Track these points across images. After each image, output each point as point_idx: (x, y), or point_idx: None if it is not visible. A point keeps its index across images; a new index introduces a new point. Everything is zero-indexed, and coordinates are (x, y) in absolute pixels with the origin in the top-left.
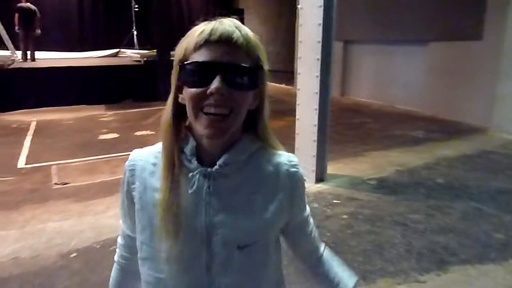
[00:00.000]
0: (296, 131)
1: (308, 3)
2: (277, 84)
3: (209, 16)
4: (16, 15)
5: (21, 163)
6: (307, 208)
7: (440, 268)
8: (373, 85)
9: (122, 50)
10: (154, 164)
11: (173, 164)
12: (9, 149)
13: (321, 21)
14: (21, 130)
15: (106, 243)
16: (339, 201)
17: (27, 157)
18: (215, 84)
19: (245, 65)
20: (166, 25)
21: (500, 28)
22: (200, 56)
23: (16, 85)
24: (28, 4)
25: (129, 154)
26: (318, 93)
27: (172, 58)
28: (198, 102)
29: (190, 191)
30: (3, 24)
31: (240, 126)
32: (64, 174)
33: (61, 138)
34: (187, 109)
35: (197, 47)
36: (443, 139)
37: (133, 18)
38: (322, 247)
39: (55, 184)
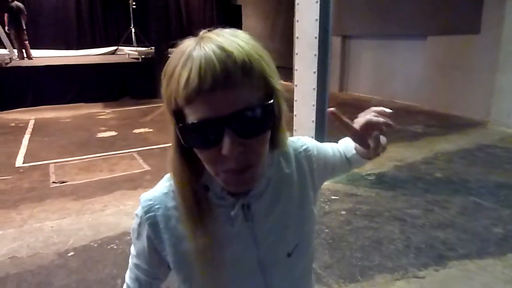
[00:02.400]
0: (294, 127)
1: None
2: None
3: (207, 12)
4: (6, 14)
5: (19, 162)
6: (323, 146)
7: (439, 263)
8: (372, 80)
9: (120, 47)
10: (176, 208)
11: (199, 206)
12: (7, 148)
13: (317, 17)
14: (19, 129)
15: (104, 241)
16: (337, 197)
17: (25, 155)
18: (226, 145)
19: (254, 104)
20: (163, 22)
21: (498, 21)
22: (196, 113)
23: (14, 84)
24: (16, 3)
25: (127, 151)
26: (316, 89)
27: (170, 55)
28: (216, 163)
29: (231, 229)
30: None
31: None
32: (62, 172)
33: (59, 136)
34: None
35: (189, 100)
36: (442, 133)
37: (131, 16)
38: (335, 145)
39: (53, 182)
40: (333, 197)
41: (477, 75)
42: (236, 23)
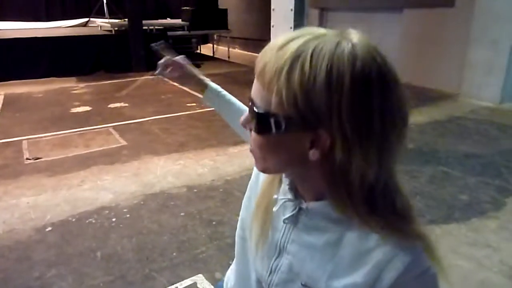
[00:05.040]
0: None
1: None
2: (253, 53)
3: None
4: None
5: None
6: None
7: None
8: None
9: (91, 19)
10: None
11: (274, 178)
12: None
13: None
14: None
15: (82, 216)
16: None
17: None
18: (242, 119)
19: (259, 106)
20: None
21: None
22: None
23: None
24: None
25: (103, 126)
26: None
27: (144, 28)
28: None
29: (274, 209)
30: None
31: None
32: (36, 148)
33: (32, 112)
34: None
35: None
36: (415, 105)
37: None
38: None
39: (27, 159)
40: None
41: (450, 49)
42: None
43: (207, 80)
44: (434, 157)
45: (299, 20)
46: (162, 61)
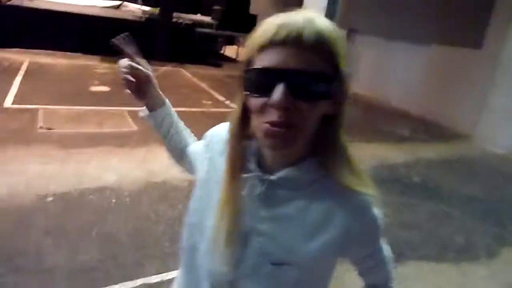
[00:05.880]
0: None
1: None
2: None
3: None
4: None
5: (8, 102)
6: (379, 245)
7: (397, 260)
8: (370, 77)
9: (125, 3)
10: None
11: (234, 166)
12: None
13: (325, 4)
14: (12, 69)
15: (85, 191)
16: None
17: (15, 96)
18: (276, 95)
19: (316, 70)
20: None
21: (501, 39)
22: (262, 61)
23: (12, 23)
24: None
25: (118, 109)
26: None
27: (174, 20)
28: (260, 112)
29: (242, 192)
30: None
31: (308, 141)
32: (51, 119)
33: (52, 83)
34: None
35: (262, 48)
36: (427, 140)
37: None
38: (390, 283)
39: (40, 128)
40: None
41: (471, 89)
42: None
43: (164, 96)
44: (437, 195)
45: None
46: (125, 66)
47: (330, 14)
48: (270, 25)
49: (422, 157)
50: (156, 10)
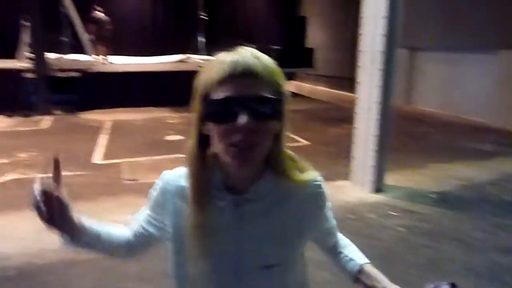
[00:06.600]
0: (354, 140)
1: (371, 13)
2: (337, 91)
3: (272, 23)
4: (94, 25)
5: (97, 159)
6: (330, 214)
7: None
8: (439, 94)
9: (189, 56)
10: (184, 189)
11: (201, 191)
12: (87, 146)
13: (384, 32)
14: (98, 129)
15: None
16: (396, 213)
17: (102, 153)
18: (243, 119)
19: (268, 95)
20: (230, 32)
21: None
22: (224, 92)
23: (94, 87)
24: (103, 15)
25: None
26: (379, 103)
27: None
28: (226, 136)
29: (221, 219)
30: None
31: (266, 155)
32: (134, 170)
33: (132, 137)
34: (213, 141)
35: (220, 82)
36: None
37: (201, 26)
38: (341, 238)
39: (126, 180)
40: (391, 213)
41: None
42: (300, 34)
43: (83, 221)
44: None
45: (388, 62)
46: (38, 192)
47: (389, 40)
48: (225, 62)
49: (509, 172)
50: None
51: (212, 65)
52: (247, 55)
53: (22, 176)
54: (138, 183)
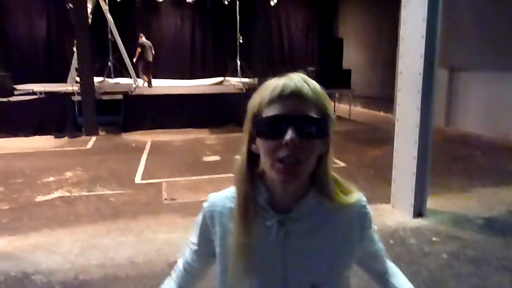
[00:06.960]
0: (394, 163)
1: (410, 33)
2: (374, 112)
3: (309, 45)
4: (138, 49)
5: (138, 178)
6: (376, 237)
7: None
8: (483, 115)
9: (226, 78)
10: (231, 209)
11: (247, 210)
12: (129, 166)
13: (423, 53)
14: (139, 149)
15: None
16: (439, 239)
17: (143, 173)
18: (290, 135)
19: (314, 116)
20: (267, 55)
21: None
22: (274, 110)
23: (136, 109)
24: (146, 40)
25: (228, 176)
26: (419, 125)
27: None
28: (273, 152)
29: (266, 238)
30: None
31: (310, 174)
32: (173, 190)
33: (171, 157)
34: (261, 158)
35: (271, 102)
36: None
37: (238, 49)
38: (389, 265)
39: (165, 199)
40: (434, 239)
41: None
42: (337, 55)
43: None
44: None
45: (428, 84)
46: None
47: (429, 61)
48: (275, 85)
49: None
50: (256, 80)
51: (264, 88)
52: (296, 78)
53: (67, 194)
54: (176, 202)
